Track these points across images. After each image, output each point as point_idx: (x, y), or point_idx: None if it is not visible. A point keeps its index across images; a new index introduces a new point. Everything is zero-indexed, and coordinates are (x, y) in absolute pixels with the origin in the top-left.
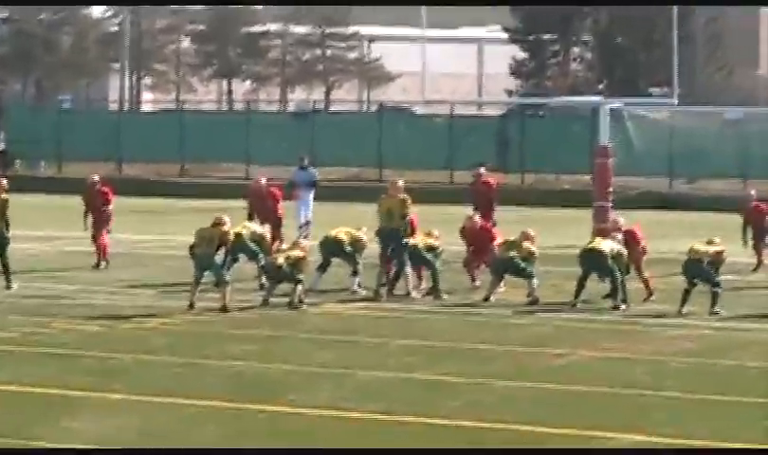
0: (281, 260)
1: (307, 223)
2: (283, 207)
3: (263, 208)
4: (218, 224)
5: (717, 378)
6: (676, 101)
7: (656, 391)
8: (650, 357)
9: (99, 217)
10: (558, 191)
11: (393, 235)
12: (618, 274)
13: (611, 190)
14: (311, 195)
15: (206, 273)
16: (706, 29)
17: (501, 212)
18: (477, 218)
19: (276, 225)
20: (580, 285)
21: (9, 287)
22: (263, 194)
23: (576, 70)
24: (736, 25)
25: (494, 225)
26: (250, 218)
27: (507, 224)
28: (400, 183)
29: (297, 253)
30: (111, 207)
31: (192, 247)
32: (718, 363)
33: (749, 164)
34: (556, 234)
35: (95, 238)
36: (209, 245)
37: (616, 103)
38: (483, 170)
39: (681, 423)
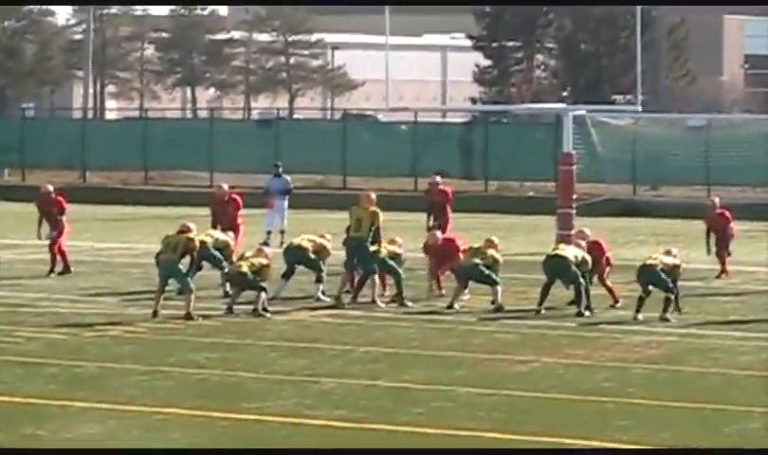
0: (244, 267)
1: (282, 231)
2: (243, 215)
3: (225, 215)
4: (183, 231)
5: (680, 385)
6: (640, 108)
7: (619, 398)
8: (614, 364)
9: (54, 226)
10: (522, 198)
11: (361, 246)
12: (583, 281)
13: (574, 196)
14: (285, 203)
15: (170, 281)
16: (670, 36)
17: (464, 219)
18: (438, 234)
19: (236, 232)
20: (545, 292)
21: None
22: (224, 202)
23: (539, 77)
24: (699, 32)
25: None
26: (214, 226)
27: (471, 230)
28: (373, 196)
29: (260, 260)
30: (65, 215)
31: (157, 255)
32: (681, 370)
33: (712, 171)
34: (520, 241)
35: (50, 246)
36: (173, 251)
37: (580, 110)
38: (438, 178)
39: (644, 429)
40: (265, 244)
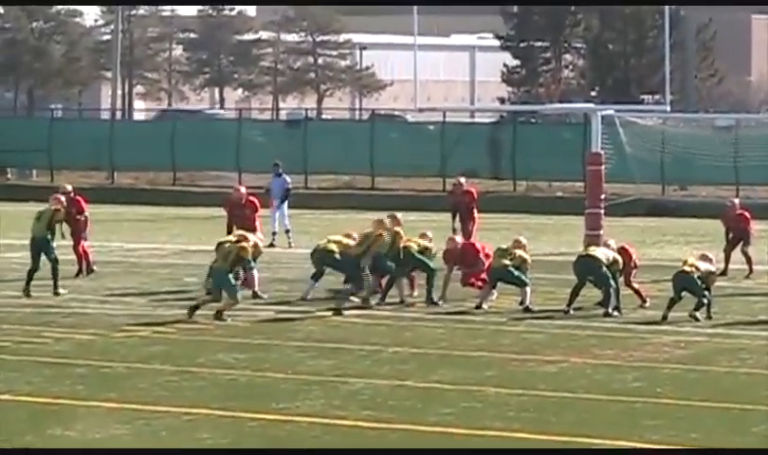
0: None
1: (287, 231)
2: (260, 217)
3: (242, 217)
4: (239, 240)
5: (709, 385)
6: (668, 108)
7: (648, 398)
8: (642, 364)
9: (75, 226)
10: (551, 199)
11: (376, 255)
12: (612, 281)
13: (602, 196)
14: (285, 204)
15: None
16: (698, 36)
17: (493, 220)
18: (457, 239)
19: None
20: (575, 293)
21: None
22: (242, 204)
23: (567, 77)
24: (727, 32)
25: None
26: (230, 228)
27: (500, 231)
28: (399, 215)
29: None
30: (85, 214)
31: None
32: (710, 370)
33: (740, 171)
34: (548, 241)
35: (74, 247)
36: (224, 260)
37: (608, 110)
38: (462, 179)
39: (673, 429)
40: (272, 245)
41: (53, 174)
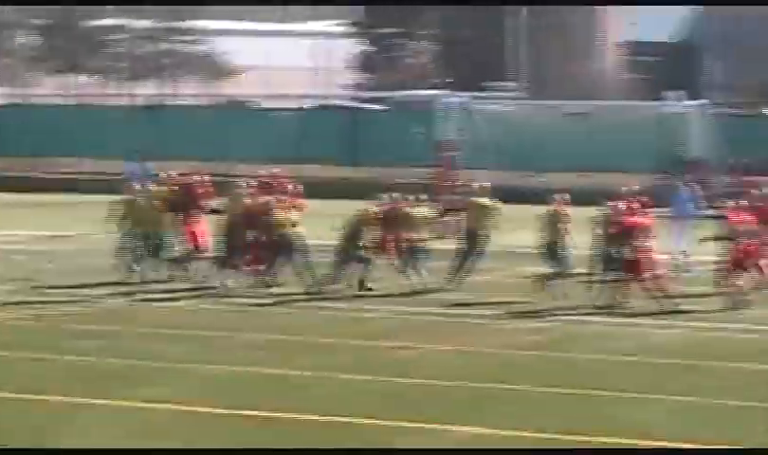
0: None
1: None
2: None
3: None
4: None
5: (561, 371)
6: (521, 95)
7: (501, 384)
8: (497, 351)
9: None
10: (403, 184)
11: None
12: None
13: (455, 182)
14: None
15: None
16: (551, 23)
17: (340, 205)
18: None
19: None
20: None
21: None
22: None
23: (420, 64)
24: (580, 18)
25: None
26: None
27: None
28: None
29: None
30: None
31: None
32: (562, 356)
33: (594, 157)
34: None
35: None
36: None
37: (461, 97)
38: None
39: (526, 415)
40: None
41: None
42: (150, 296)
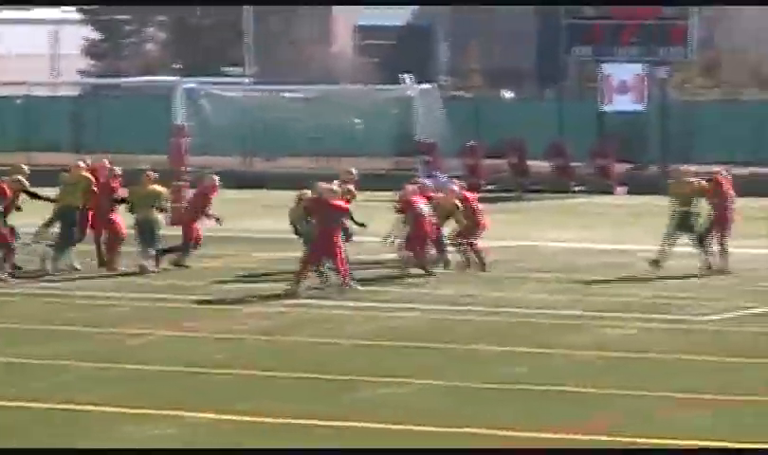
0: None
1: None
2: None
3: None
4: None
5: (290, 354)
6: (249, 80)
7: (228, 370)
8: (226, 336)
9: None
10: (137, 171)
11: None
12: None
13: (187, 168)
14: None
15: None
16: (283, 7)
17: None
18: None
19: None
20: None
21: None
22: None
23: (151, 50)
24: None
25: None
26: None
27: None
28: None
29: None
30: None
31: None
32: (290, 340)
33: (323, 141)
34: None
35: None
36: None
37: (192, 83)
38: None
39: (255, 400)
40: None
41: None
42: None
